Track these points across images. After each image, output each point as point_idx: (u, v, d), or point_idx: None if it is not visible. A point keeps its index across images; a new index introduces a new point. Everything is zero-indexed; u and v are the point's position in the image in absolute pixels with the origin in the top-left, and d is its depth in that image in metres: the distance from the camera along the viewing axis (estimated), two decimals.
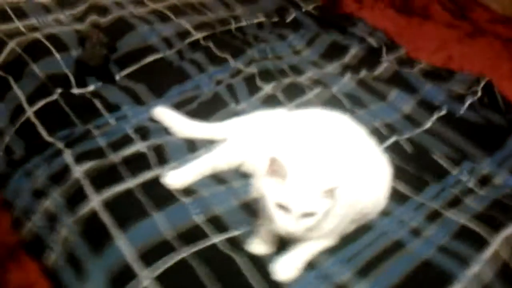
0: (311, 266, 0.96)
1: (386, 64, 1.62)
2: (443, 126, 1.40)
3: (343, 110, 1.34)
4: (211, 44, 1.58)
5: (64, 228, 1.05)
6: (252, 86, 1.44)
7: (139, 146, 1.17)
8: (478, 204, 1.15)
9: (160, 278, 0.91)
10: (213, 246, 0.97)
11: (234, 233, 1.01)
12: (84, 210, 1.04)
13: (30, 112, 1.28)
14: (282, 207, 0.89)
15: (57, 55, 1.40)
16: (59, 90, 1.31)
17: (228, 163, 1.15)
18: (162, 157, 1.16)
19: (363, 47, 1.71)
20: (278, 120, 1.18)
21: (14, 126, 1.28)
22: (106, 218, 1.02)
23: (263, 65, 1.53)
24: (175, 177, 1.10)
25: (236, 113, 1.33)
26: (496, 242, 1.05)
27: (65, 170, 1.12)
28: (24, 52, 1.40)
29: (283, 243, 0.98)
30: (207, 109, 1.33)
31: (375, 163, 1.12)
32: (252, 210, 1.05)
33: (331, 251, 0.98)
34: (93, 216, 1.03)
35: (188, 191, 1.08)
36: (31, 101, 1.30)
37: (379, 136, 1.32)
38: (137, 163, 1.13)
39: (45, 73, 1.35)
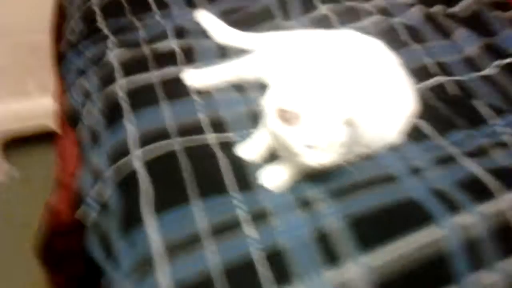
0: None
1: (467, 2, 1.46)
2: (504, 75, 1.25)
3: (396, 42, 1.28)
4: None
5: (90, 103, 1.17)
6: (307, 4, 1.40)
7: (172, 43, 1.23)
8: (504, 159, 1.04)
9: (148, 163, 0.97)
10: (205, 144, 1.02)
11: (230, 134, 1.05)
12: (108, 89, 1.15)
13: (94, 0, 1.40)
14: (309, 146, 0.90)
15: None
16: None
17: (252, 73, 1.17)
18: (190, 57, 1.21)
19: None
20: (310, 39, 1.16)
21: (79, 12, 1.41)
22: (123, 100, 1.11)
23: None
24: (196, 76, 1.14)
25: (280, 29, 1.32)
26: (505, 201, 0.95)
27: (104, 53, 1.23)
28: None
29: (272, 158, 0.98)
30: (252, 20, 1.34)
31: (398, 94, 1.06)
32: (256, 119, 1.07)
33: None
34: (113, 96, 1.13)
35: (203, 91, 1.13)
36: None
37: (425, 73, 1.23)
38: (165, 58, 1.20)
39: None
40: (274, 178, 0.95)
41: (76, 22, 1.39)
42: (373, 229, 0.88)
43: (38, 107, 1.63)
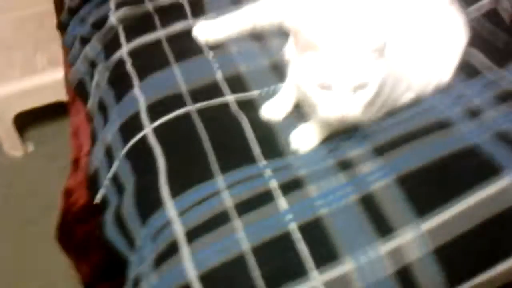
0: None
1: None
2: None
3: None
4: None
5: (98, 74, 1.06)
6: None
7: None
8: None
9: (164, 139, 0.86)
10: (224, 104, 0.89)
11: (253, 93, 0.92)
12: (114, 57, 1.03)
13: None
14: (326, 87, 0.73)
15: None
16: None
17: (270, 20, 1.02)
18: (200, 7, 1.07)
19: None
20: None
21: None
22: (129, 66, 0.99)
23: None
24: (207, 29, 1.01)
25: None
26: None
27: (106, 17, 1.10)
28: None
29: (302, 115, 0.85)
30: None
31: (444, 22, 0.89)
32: (282, 72, 0.93)
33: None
34: (120, 63, 1.01)
35: (217, 46, 0.99)
36: None
37: None
38: (172, 12, 1.06)
39: None
40: (305, 140, 0.82)
41: None
42: (428, 188, 0.74)
43: (50, 82, 1.53)
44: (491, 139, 0.80)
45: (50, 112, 1.68)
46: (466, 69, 0.92)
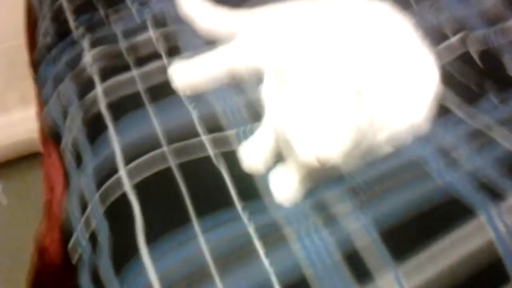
0: None
1: None
2: None
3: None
4: None
5: (70, 114, 1.04)
6: None
7: (152, 33, 1.09)
8: None
9: (139, 182, 0.84)
10: (200, 144, 0.88)
11: (230, 131, 0.91)
12: (88, 97, 1.02)
13: None
14: (304, 122, 0.71)
15: None
16: None
17: (246, 61, 1.02)
18: (174, 46, 1.07)
19: None
20: (308, 11, 1.01)
21: (50, 12, 1.27)
22: (103, 107, 0.98)
23: None
24: (183, 71, 1.00)
25: (274, 2, 1.17)
26: None
27: (80, 56, 1.09)
28: None
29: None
30: None
31: (417, 64, 0.91)
32: (258, 111, 0.93)
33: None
34: (94, 103, 1.00)
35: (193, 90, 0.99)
36: None
37: (441, 33, 1.09)
38: (146, 51, 1.06)
39: None
40: (283, 185, 0.82)
41: (47, 24, 1.25)
42: (405, 231, 0.75)
43: (20, 122, 1.50)
44: (463, 178, 0.81)
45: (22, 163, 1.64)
46: (437, 108, 0.94)
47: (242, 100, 0.97)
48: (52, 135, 1.12)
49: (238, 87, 0.99)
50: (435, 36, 1.06)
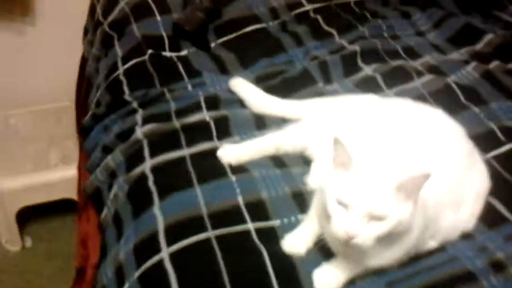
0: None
1: None
2: None
3: (454, 105, 1.15)
4: (319, 17, 1.46)
5: (117, 186, 1.05)
6: (350, 66, 1.28)
7: (205, 115, 1.12)
8: None
9: (174, 255, 0.84)
10: (245, 232, 0.88)
11: (274, 222, 0.91)
12: (136, 171, 1.03)
13: (121, 69, 1.30)
14: (343, 204, 0.74)
15: (158, 17, 1.41)
16: (150, 51, 1.31)
17: (294, 145, 1.04)
18: (226, 129, 1.09)
19: (504, 34, 1.41)
20: (361, 107, 1.03)
21: (105, 82, 1.32)
22: (151, 183, 0.99)
23: (371, 43, 1.36)
24: (231, 151, 1.02)
25: (323, 94, 1.20)
26: None
27: (132, 129, 1.12)
28: (130, 11, 1.44)
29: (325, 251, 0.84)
30: (290, 86, 1.22)
31: (467, 170, 0.90)
32: (303, 201, 0.93)
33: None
34: (142, 178, 1.01)
35: (239, 169, 1.00)
36: (125, 60, 1.33)
37: (493, 140, 1.09)
38: (198, 132, 1.08)
39: (142, 33, 1.37)
40: (329, 281, 0.80)
41: (102, 93, 1.30)
42: None
43: (60, 179, 1.53)
44: None
45: (53, 208, 1.66)
46: (488, 217, 0.92)
47: (288, 189, 0.96)
48: (94, 202, 1.13)
49: (285, 175, 1.00)
50: (486, 143, 1.05)
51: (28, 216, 1.68)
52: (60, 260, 1.40)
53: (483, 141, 1.05)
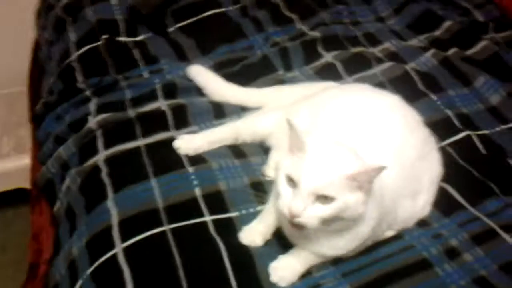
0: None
1: (485, 43, 1.33)
2: None
3: (412, 92, 1.15)
4: (280, 2, 1.43)
5: (69, 178, 1.01)
6: (310, 53, 1.27)
7: (161, 104, 1.09)
8: None
9: (128, 250, 0.82)
10: (202, 225, 0.86)
11: (232, 214, 0.89)
12: (89, 163, 0.99)
13: (74, 56, 1.25)
14: (292, 182, 0.74)
15: (114, 0, 1.36)
16: (104, 37, 1.26)
17: (254, 134, 1.02)
18: (183, 119, 1.06)
19: (463, 21, 1.42)
20: (319, 94, 1.02)
21: (58, 69, 1.27)
22: (104, 175, 0.96)
23: (332, 29, 1.35)
24: (189, 142, 1.00)
25: (283, 81, 1.18)
26: None
27: (85, 119, 1.08)
28: None
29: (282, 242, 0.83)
30: (250, 73, 1.20)
31: (422, 156, 0.91)
32: (262, 192, 0.92)
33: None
34: (95, 170, 0.97)
35: (197, 159, 0.97)
36: (78, 45, 1.27)
37: (449, 127, 1.10)
38: (154, 121, 1.05)
39: (97, 17, 1.32)
40: (285, 273, 0.79)
41: (54, 80, 1.24)
42: None
43: (13, 168, 1.47)
44: (469, 284, 0.79)
45: (6, 198, 1.60)
46: (442, 203, 0.93)
47: (246, 179, 0.95)
48: (46, 194, 1.09)
49: (244, 165, 0.98)
50: (442, 130, 1.06)
51: None
52: (15, 252, 1.35)
53: (440, 128, 1.06)
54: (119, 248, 0.83)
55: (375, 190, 0.77)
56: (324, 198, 0.72)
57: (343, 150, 0.76)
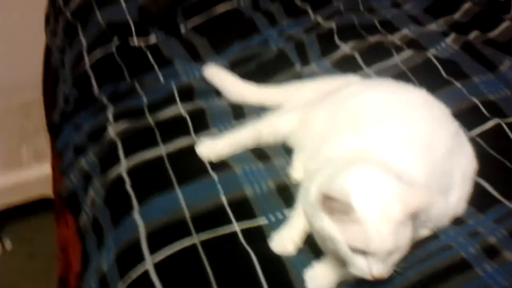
0: None
1: (507, 24, 1.29)
2: None
3: (435, 80, 1.11)
4: None
5: (93, 190, 1.00)
6: (326, 45, 1.23)
7: (180, 109, 1.07)
8: None
9: (159, 265, 0.81)
10: (231, 235, 0.85)
11: (260, 221, 0.87)
12: (111, 174, 0.98)
13: (87, 61, 1.23)
14: (359, 251, 0.71)
15: (123, 2, 1.33)
16: (116, 40, 1.24)
17: (275, 134, 1.00)
18: (202, 122, 1.04)
19: (482, 1, 1.38)
20: (341, 92, 0.98)
21: (72, 76, 1.25)
22: (128, 186, 0.94)
23: (347, 19, 1.31)
24: (210, 147, 0.98)
25: (301, 76, 1.16)
26: None
27: (103, 128, 1.07)
28: None
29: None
30: (266, 69, 1.17)
31: (455, 156, 0.88)
32: (288, 195, 0.90)
33: None
34: (118, 182, 0.96)
35: (220, 164, 0.96)
36: (90, 50, 1.25)
37: (477, 116, 1.06)
38: (174, 127, 1.03)
39: (107, 20, 1.30)
40: (323, 281, 0.78)
41: (69, 88, 1.23)
42: None
43: (34, 177, 1.47)
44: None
45: (30, 207, 1.60)
46: (477, 200, 0.90)
47: (272, 183, 0.93)
48: (71, 207, 1.08)
49: (268, 168, 0.96)
50: (469, 119, 1.03)
51: (5, 218, 1.62)
52: (42, 261, 1.35)
53: (467, 117, 1.03)
54: (149, 262, 0.82)
55: None
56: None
57: (389, 192, 0.72)
